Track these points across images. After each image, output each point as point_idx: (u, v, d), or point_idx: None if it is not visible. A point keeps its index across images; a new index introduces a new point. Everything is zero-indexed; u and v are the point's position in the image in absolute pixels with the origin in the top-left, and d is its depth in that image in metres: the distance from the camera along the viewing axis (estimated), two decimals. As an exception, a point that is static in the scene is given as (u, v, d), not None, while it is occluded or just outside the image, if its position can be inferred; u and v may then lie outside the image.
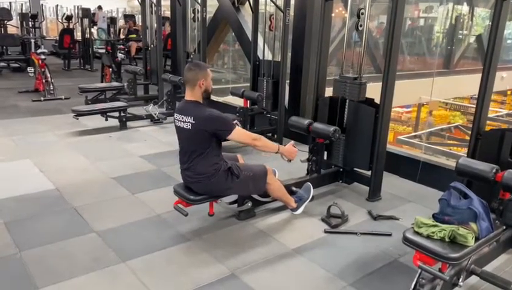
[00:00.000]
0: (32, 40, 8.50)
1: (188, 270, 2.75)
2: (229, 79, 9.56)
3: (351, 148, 3.95)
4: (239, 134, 2.99)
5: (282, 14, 5.00)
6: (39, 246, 2.95)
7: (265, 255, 2.95)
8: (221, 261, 2.86)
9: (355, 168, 4.07)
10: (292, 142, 3.35)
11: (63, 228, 3.22)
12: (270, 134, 5.60)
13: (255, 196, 3.44)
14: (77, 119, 5.69)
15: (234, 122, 3.45)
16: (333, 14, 4.18)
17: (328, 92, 4.33)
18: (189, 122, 2.91)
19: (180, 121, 2.97)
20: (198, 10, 5.97)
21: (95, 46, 12.19)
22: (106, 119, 5.82)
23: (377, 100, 3.75)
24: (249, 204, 3.38)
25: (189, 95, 2.98)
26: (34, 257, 2.82)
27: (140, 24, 10.69)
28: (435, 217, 2.42)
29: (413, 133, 9.79)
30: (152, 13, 7.19)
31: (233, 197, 3.42)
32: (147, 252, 2.93)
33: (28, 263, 2.75)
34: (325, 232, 3.30)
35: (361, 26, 3.76)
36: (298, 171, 4.06)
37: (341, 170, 4.15)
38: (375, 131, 3.75)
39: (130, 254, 2.89)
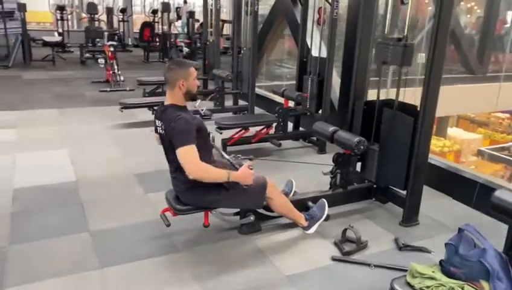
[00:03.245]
0: (106, 33, 8.93)
1: (160, 288, 2.51)
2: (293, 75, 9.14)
3: (385, 163, 3.38)
4: (185, 154, 2.51)
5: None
6: (29, 242, 2.91)
7: (251, 280, 2.60)
8: (200, 280, 2.57)
9: (390, 186, 3.49)
10: (248, 162, 2.78)
11: (61, 224, 3.17)
12: (314, 137, 5.15)
13: (260, 210, 3.09)
14: (122, 111, 5.77)
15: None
16: None
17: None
18: (163, 128, 2.64)
19: (158, 127, 2.71)
20: (250, 3, 5.67)
21: (179, 40, 12.57)
22: (153, 113, 5.81)
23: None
24: (251, 218, 3.03)
25: (168, 98, 2.68)
26: (19, 253, 2.78)
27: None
28: (441, 265, 1.88)
29: (502, 145, 8.51)
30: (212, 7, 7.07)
31: (238, 208, 3.10)
32: (130, 259, 2.75)
33: (10, 258, 2.72)
34: (333, 259, 2.84)
35: None
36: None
37: (375, 186, 3.59)
38: (413, 144, 3.16)
39: (111, 260, 2.73)
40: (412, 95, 3.53)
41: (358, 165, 3.64)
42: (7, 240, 2.92)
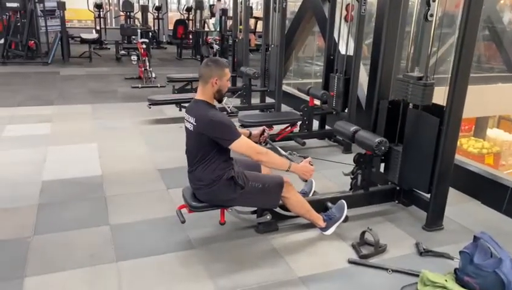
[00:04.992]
0: (139, 30, 9.13)
1: (172, 284, 2.53)
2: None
3: (409, 164, 3.27)
4: (240, 145, 2.61)
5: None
6: (52, 233, 3.01)
7: (264, 279, 2.57)
8: (214, 278, 2.57)
9: (413, 189, 3.38)
10: (309, 158, 2.87)
11: (83, 217, 3.25)
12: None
13: (277, 209, 3.05)
14: (150, 108, 5.87)
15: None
16: None
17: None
18: (192, 123, 2.67)
19: (186, 121, 2.74)
20: (279, 0, 5.62)
21: (211, 37, 12.67)
22: (180, 110, 5.89)
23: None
24: (268, 217, 3.01)
25: (199, 93, 2.72)
26: (41, 243, 2.88)
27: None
28: (456, 273, 1.79)
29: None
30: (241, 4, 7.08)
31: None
32: (145, 254, 2.79)
33: (33, 248, 2.81)
34: (349, 262, 2.77)
35: (431, 16, 3.06)
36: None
37: (398, 188, 3.48)
38: (438, 145, 3.04)
39: (128, 254, 2.78)
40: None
41: (382, 165, 3.56)
42: (31, 230, 3.03)
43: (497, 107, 9.40)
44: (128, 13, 12.35)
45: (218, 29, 14.11)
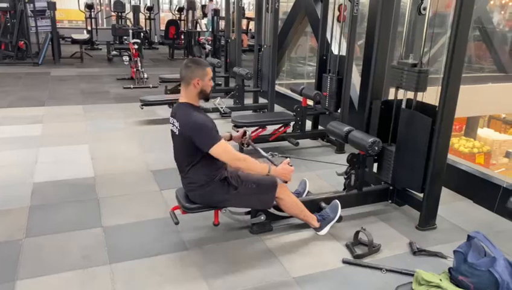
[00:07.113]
0: (130, 30, 9.08)
1: (165, 285, 2.51)
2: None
3: (402, 164, 3.28)
4: (219, 151, 2.55)
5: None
6: (44, 235, 2.98)
7: (259, 280, 2.57)
8: (207, 279, 2.56)
9: (406, 188, 3.39)
10: (287, 159, 2.83)
11: (76, 218, 3.22)
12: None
13: (271, 209, 3.05)
14: (142, 108, 5.84)
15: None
16: None
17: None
18: (177, 127, 2.64)
19: (172, 124, 2.72)
20: (271, 0, 5.62)
21: (203, 38, 12.65)
22: (173, 110, 5.86)
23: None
24: (262, 217, 3.01)
25: (182, 96, 2.70)
26: (34, 246, 2.84)
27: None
28: (450, 272, 1.80)
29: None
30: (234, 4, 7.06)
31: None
32: (139, 256, 2.77)
33: (25, 251, 2.78)
34: (344, 262, 2.77)
35: (424, 10, 3.09)
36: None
37: (391, 188, 3.50)
38: (431, 145, 3.05)
39: (121, 256, 2.76)
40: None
41: (376, 165, 3.58)
42: (23, 232, 2.99)
43: (488, 106, 9.50)
44: (119, 13, 12.29)
45: (210, 30, 14.13)
